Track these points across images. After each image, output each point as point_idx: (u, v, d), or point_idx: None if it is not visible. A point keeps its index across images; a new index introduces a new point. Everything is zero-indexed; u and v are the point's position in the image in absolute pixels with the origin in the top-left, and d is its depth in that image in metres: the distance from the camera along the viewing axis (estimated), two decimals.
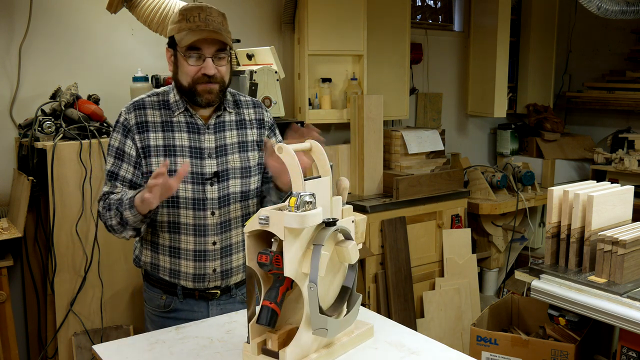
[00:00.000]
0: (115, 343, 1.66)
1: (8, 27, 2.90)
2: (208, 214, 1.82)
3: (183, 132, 1.82)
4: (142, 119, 1.81)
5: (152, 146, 1.80)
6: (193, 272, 1.84)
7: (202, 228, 1.82)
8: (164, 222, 1.82)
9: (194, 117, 1.84)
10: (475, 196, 4.11)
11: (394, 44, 4.00)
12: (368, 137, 3.67)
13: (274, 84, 3.01)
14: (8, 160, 2.93)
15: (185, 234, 1.82)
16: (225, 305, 1.92)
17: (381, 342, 1.62)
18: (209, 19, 1.75)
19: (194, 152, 1.81)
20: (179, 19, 1.76)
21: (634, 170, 4.11)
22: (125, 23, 3.12)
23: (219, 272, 1.86)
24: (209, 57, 1.75)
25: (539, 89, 4.93)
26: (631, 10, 3.72)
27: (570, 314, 2.32)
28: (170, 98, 1.85)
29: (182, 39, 1.73)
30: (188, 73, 1.76)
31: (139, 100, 1.86)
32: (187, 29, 1.73)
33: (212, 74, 1.76)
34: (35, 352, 2.92)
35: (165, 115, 1.83)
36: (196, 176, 1.80)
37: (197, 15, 1.74)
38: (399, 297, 3.55)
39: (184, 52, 1.74)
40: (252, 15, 3.62)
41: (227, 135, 1.87)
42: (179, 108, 1.84)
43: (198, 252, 1.83)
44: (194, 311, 1.88)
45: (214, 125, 1.86)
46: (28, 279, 2.84)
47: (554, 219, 2.35)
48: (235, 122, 1.90)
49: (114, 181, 1.80)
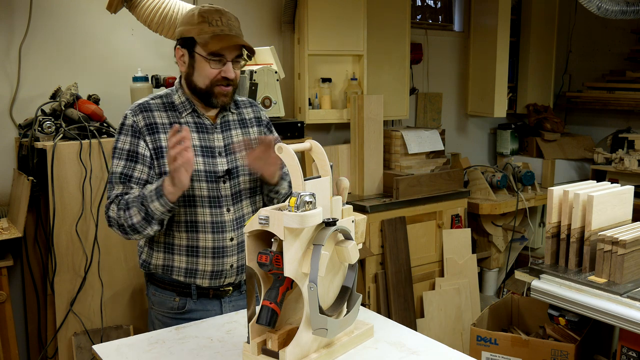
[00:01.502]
0: (115, 343, 1.66)
1: (8, 27, 2.90)
2: (224, 210, 1.86)
3: (193, 132, 1.84)
4: (151, 121, 1.82)
5: (164, 147, 1.80)
6: (211, 269, 1.86)
7: (220, 225, 1.85)
8: (182, 222, 1.83)
9: (202, 118, 1.87)
10: (475, 196, 4.11)
11: (394, 44, 4.00)
12: (368, 137, 3.67)
13: (274, 84, 3.01)
14: (8, 160, 2.93)
15: (204, 231, 1.84)
16: (237, 302, 1.95)
17: (381, 342, 1.62)
18: (231, 24, 1.80)
19: (206, 151, 1.84)
20: (199, 20, 1.77)
21: (634, 170, 4.11)
22: (125, 23, 3.12)
23: (236, 268, 1.89)
24: (230, 62, 1.79)
25: (539, 89, 4.93)
26: (631, 10, 3.72)
27: (570, 314, 2.32)
28: (175, 100, 1.87)
29: (207, 42, 1.75)
30: (208, 76, 1.79)
31: (143, 102, 1.86)
32: (211, 32, 1.75)
33: (233, 78, 1.81)
34: (35, 352, 2.92)
35: (172, 117, 1.85)
36: (210, 174, 1.83)
37: (219, 19, 1.77)
38: (399, 297, 3.55)
39: (206, 55, 1.76)
40: (252, 15, 3.62)
41: (233, 134, 1.92)
42: (186, 109, 1.86)
43: (217, 248, 1.85)
44: (207, 310, 1.90)
45: (221, 124, 1.90)
46: (28, 279, 2.84)
47: (554, 219, 2.35)
48: (238, 122, 1.95)
49: (128, 183, 1.78)
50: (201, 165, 1.83)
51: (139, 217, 1.70)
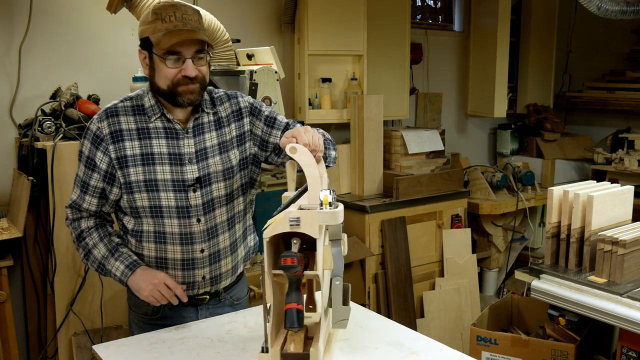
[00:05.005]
0: (115, 343, 1.67)
1: (8, 27, 2.90)
2: (194, 221, 1.76)
3: (161, 139, 1.74)
4: (116, 127, 1.72)
5: (129, 156, 1.72)
6: (182, 280, 1.80)
7: (189, 236, 1.76)
8: (150, 233, 1.77)
9: (172, 122, 1.75)
10: (475, 196, 4.11)
11: (394, 44, 4.00)
12: (368, 137, 3.67)
13: (274, 84, 3.01)
14: (8, 160, 2.93)
15: (172, 243, 1.76)
16: (214, 309, 1.88)
17: (381, 342, 1.62)
18: (186, 18, 1.65)
19: (174, 159, 1.74)
20: (153, 18, 1.65)
21: (634, 170, 4.11)
22: (125, 23, 3.12)
23: (208, 279, 1.82)
24: (189, 59, 1.66)
25: (539, 89, 4.93)
26: (631, 10, 3.72)
27: (570, 314, 2.32)
28: (145, 102, 1.76)
29: (160, 40, 1.63)
30: (167, 76, 1.67)
31: (111, 107, 1.77)
32: (164, 30, 1.63)
33: (194, 76, 1.68)
34: (35, 352, 2.92)
35: (140, 122, 1.74)
36: (177, 183, 1.73)
37: (173, 14, 1.64)
38: (399, 297, 3.55)
39: (161, 55, 1.65)
40: (252, 15, 3.62)
41: (206, 138, 1.79)
42: (155, 113, 1.75)
43: (186, 260, 1.78)
44: (182, 317, 1.84)
45: (193, 128, 1.77)
46: (28, 279, 2.84)
47: (554, 219, 2.35)
48: (214, 122, 1.81)
49: (85, 190, 1.76)
50: (168, 174, 1.73)
51: (92, 265, 1.80)
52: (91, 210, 1.79)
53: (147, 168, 1.72)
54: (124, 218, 1.80)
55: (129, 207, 1.76)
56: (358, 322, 1.74)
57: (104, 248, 1.79)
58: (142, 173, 1.72)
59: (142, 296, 1.71)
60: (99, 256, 1.78)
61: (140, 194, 1.73)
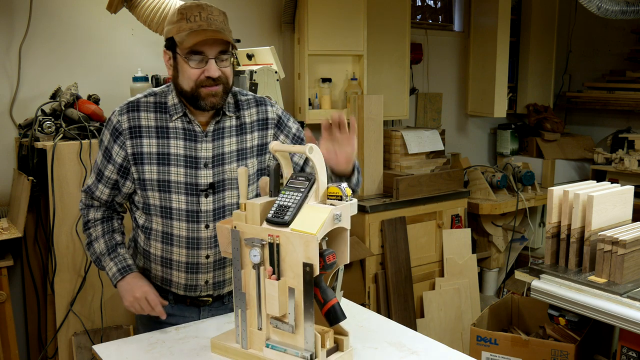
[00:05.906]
0: (115, 343, 1.67)
1: (8, 27, 2.90)
2: (202, 226, 1.74)
3: (179, 140, 1.73)
4: (135, 123, 1.72)
5: (145, 153, 1.72)
6: (185, 282, 1.80)
7: (195, 241, 1.75)
8: (158, 232, 1.77)
9: (192, 124, 1.74)
10: (475, 196, 4.11)
11: (394, 44, 4.00)
12: (368, 137, 3.67)
13: (274, 84, 3.01)
14: (8, 160, 2.93)
15: (178, 246, 1.76)
16: (216, 311, 1.88)
17: (381, 342, 1.62)
18: (211, 18, 1.64)
19: (189, 162, 1.72)
20: (178, 18, 1.65)
21: (634, 170, 4.11)
22: (125, 23, 3.12)
23: (211, 284, 1.81)
24: (212, 59, 1.65)
25: (539, 89, 4.93)
26: (631, 10, 3.72)
27: (570, 314, 2.32)
28: (169, 100, 1.75)
29: (183, 40, 1.62)
30: (190, 77, 1.65)
31: (134, 101, 1.76)
32: (188, 29, 1.62)
33: (217, 76, 1.66)
34: (35, 352, 2.92)
35: (160, 120, 1.73)
36: (190, 187, 1.72)
37: (198, 14, 1.63)
38: (399, 297, 3.55)
39: (185, 55, 1.64)
40: (252, 15, 3.62)
41: (225, 143, 1.76)
42: (177, 112, 1.73)
43: (190, 264, 1.78)
44: (185, 316, 1.84)
45: (213, 132, 1.75)
46: (28, 279, 2.85)
47: (554, 219, 2.35)
48: (235, 128, 1.78)
49: (99, 179, 1.79)
50: (182, 177, 1.72)
51: (92, 255, 1.85)
52: (102, 199, 1.82)
53: (162, 168, 1.73)
54: (137, 212, 1.82)
55: (143, 202, 1.77)
56: (358, 322, 1.74)
57: (104, 244, 1.81)
58: (157, 172, 1.73)
59: (124, 304, 1.76)
60: (97, 251, 1.82)
61: (153, 193, 1.74)
